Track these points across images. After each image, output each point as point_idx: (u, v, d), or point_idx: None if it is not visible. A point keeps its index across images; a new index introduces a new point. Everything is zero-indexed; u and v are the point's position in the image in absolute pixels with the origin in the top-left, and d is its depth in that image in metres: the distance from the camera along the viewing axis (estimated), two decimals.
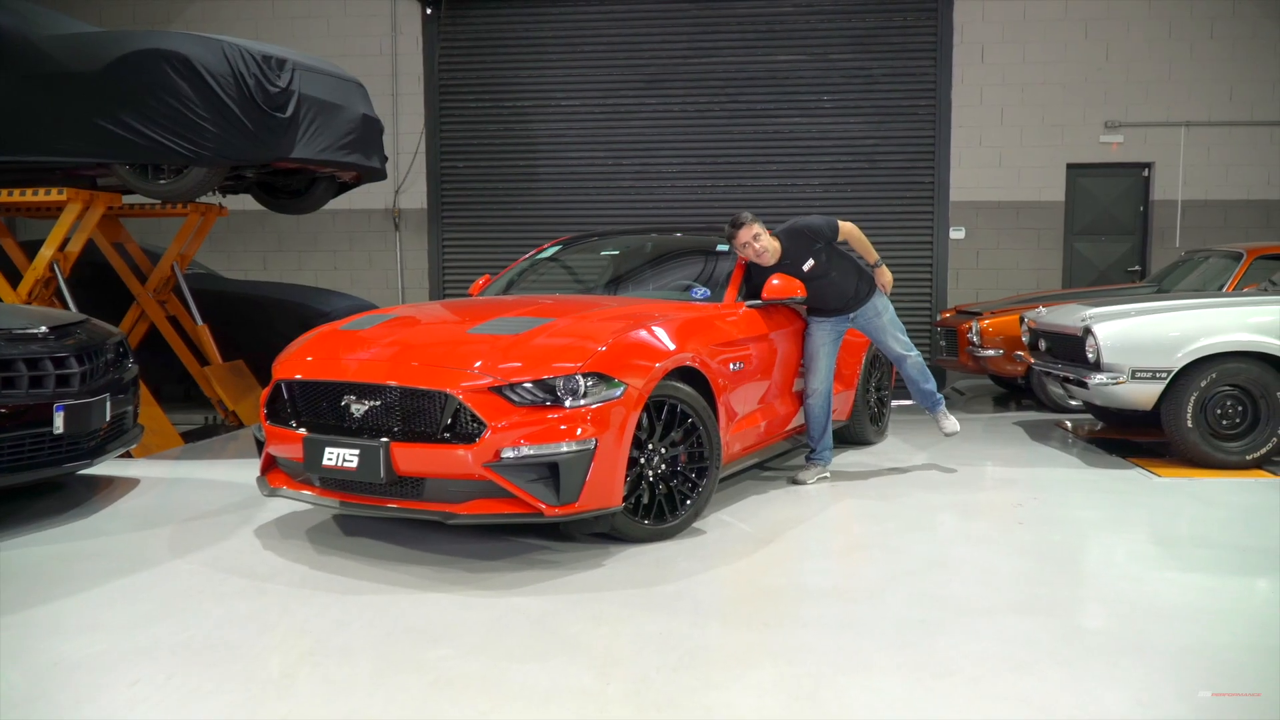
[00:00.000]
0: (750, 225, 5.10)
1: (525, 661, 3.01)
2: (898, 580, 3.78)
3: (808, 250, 5.20)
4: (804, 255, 5.19)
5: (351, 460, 3.89)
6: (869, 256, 5.41)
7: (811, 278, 5.20)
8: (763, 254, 5.10)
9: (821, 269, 5.23)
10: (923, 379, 5.65)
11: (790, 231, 5.25)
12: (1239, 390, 5.66)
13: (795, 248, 5.19)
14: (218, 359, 7.41)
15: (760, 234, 5.10)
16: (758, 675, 2.89)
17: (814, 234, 5.22)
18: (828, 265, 5.25)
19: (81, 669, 2.97)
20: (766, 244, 5.10)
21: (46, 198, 6.24)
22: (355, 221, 10.56)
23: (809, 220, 5.30)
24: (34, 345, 4.58)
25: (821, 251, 5.22)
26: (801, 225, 5.26)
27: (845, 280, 5.34)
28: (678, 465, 4.33)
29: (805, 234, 5.22)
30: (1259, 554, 4.14)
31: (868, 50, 9.97)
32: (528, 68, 10.32)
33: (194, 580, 3.80)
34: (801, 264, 5.18)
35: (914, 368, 5.61)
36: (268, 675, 2.94)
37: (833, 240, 5.27)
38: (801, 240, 5.20)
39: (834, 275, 5.28)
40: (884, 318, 5.47)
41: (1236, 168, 9.81)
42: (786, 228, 5.27)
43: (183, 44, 5.74)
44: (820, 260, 5.22)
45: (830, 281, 5.28)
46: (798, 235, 5.22)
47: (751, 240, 5.07)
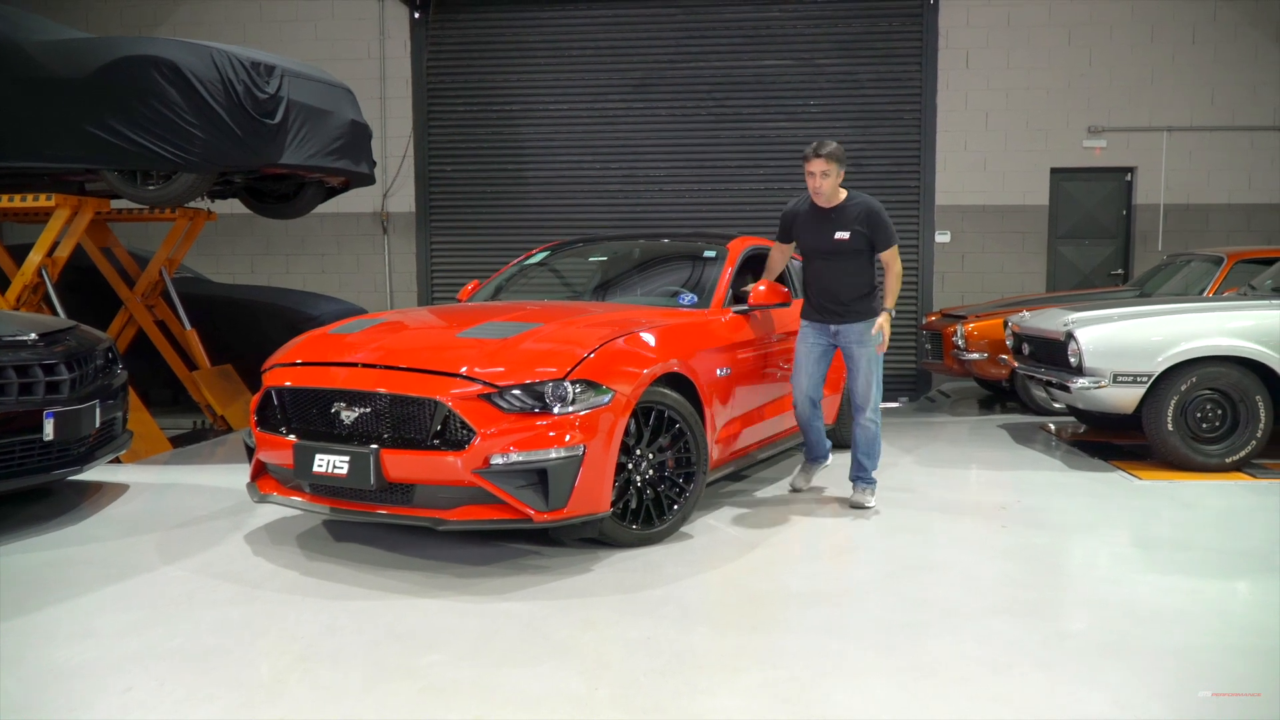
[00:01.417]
0: (829, 161, 4.74)
1: (515, 667, 3.05)
2: (882, 583, 3.83)
3: (856, 225, 4.82)
4: (849, 225, 4.83)
5: (342, 467, 3.92)
6: (889, 298, 4.95)
7: (830, 252, 4.87)
8: (819, 190, 4.80)
9: (847, 249, 4.85)
10: (866, 448, 5.01)
11: (863, 200, 4.88)
12: (1219, 394, 5.75)
13: (849, 214, 4.83)
14: (206, 364, 7.42)
15: (830, 174, 4.76)
16: (744, 679, 2.94)
17: (876, 221, 4.83)
18: (855, 255, 4.87)
19: (75, 676, 2.99)
20: (829, 186, 4.79)
21: (35, 204, 6.24)
22: (343, 225, 10.57)
23: (885, 213, 4.90)
24: (24, 352, 4.59)
25: (863, 239, 4.83)
26: (877, 206, 4.88)
27: (855, 283, 4.90)
28: (665, 470, 4.38)
29: (870, 213, 4.83)
30: (1237, 556, 4.21)
31: (854, 55, 10.03)
32: (516, 72, 10.35)
33: (185, 586, 3.82)
34: (839, 230, 4.83)
35: (864, 431, 4.98)
36: (259, 681, 2.96)
37: (880, 241, 4.85)
38: (863, 213, 4.83)
39: (850, 268, 4.88)
40: (867, 349, 4.92)
41: (1218, 172, 9.92)
42: (864, 196, 4.91)
43: (171, 50, 5.75)
44: (854, 244, 4.84)
45: (842, 270, 4.88)
46: (864, 207, 4.85)
47: (820, 174, 4.75)
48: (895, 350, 9.93)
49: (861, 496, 5.02)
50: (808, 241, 4.97)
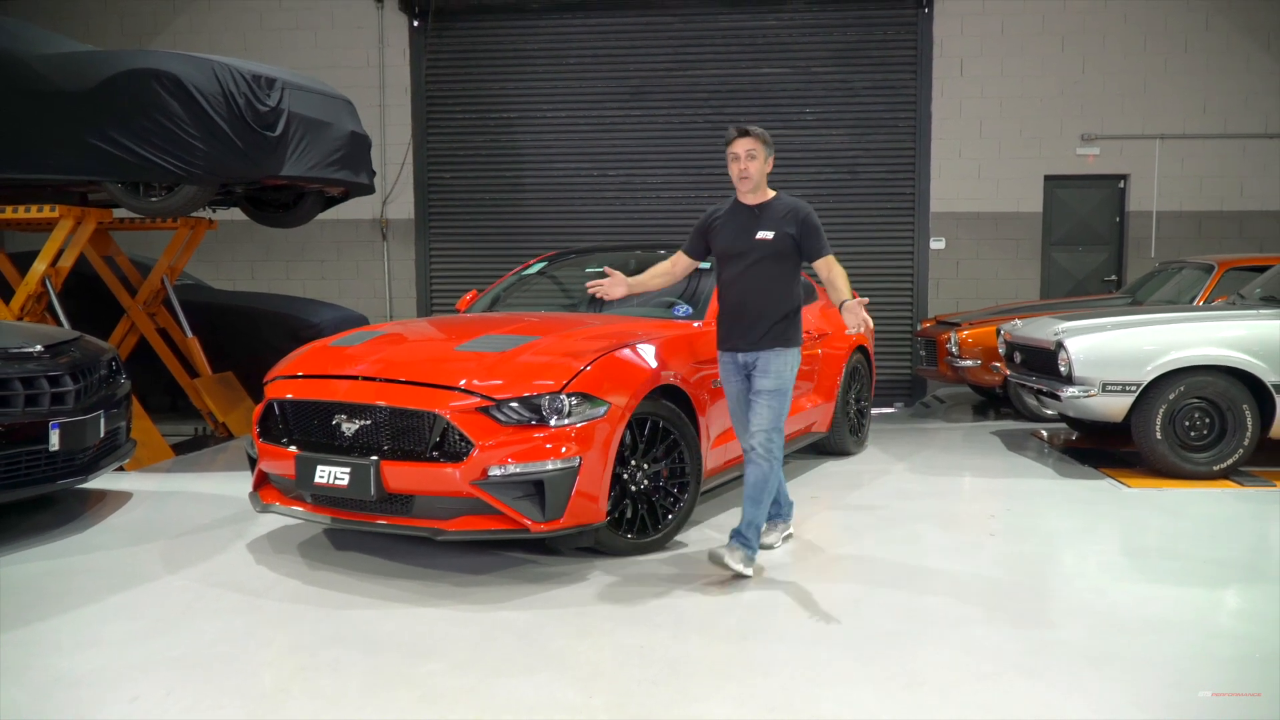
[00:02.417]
0: (756, 140, 4.13)
1: (512, 676, 3.13)
2: (872, 592, 3.91)
3: (783, 225, 4.14)
4: (774, 224, 4.15)
5: (343, 478, 4.00)
6: (844, 293, 4.10)
7: (748, 256, 4.15)
8: (746, 174, 4.14)
9: (768, 252, 4.14)
10: (753, 490, 4.11)
11: (794, 200, 4.23)
12: (1206, 403, 5.83)
13: (776, 212, 4.18)
14: (207, 371, 7.50)
15: (758, 156, 4.14)
16: (735, 687, 3.02)
17: (806, 223, 4.14)
18: (777, 262, 4.15)
19: (82, 685, 3.07)
20: (757, 170, 4.15)
21: (39, 214, 6.31)
22: (343, 231, 10.64)
23: (817, 218, 4.21)
24: (30, 364, 4.67)
25: (789, 243, 4.13)
26: (809, 208, 4.21)
27: (773, 298, 4.15)
28: (660, 480, 4.45)
29: (800, 213, 4.16)
30: (1222, 565, 4.28)
31: (849, 63, 10.11)
32: (514, 80, 10.43)
33: (188, 595, 3.90)
34: (762, 229, 4.15)
35: (755, 467, 4.10)
36: (262, 690, 3.04)
37: (810, 248, 4.16)
38: (791, 212, 4.16)
39: (769, 278, 4.14)
40: (774, 382, 4.12)
41: (1210, 179, 10.01)
42: (796, 198, 4.27)
43: (173, 63, 5.82)
44: (777, 245, 4.13)
45: (760, 279, 4.15)
46: (794, 206, 4.19)
47: (745, 154, 4.13)
48: (891, 356, 10.04)
49: (728, 556, 4.02)
50: (724, 244, 4.25)
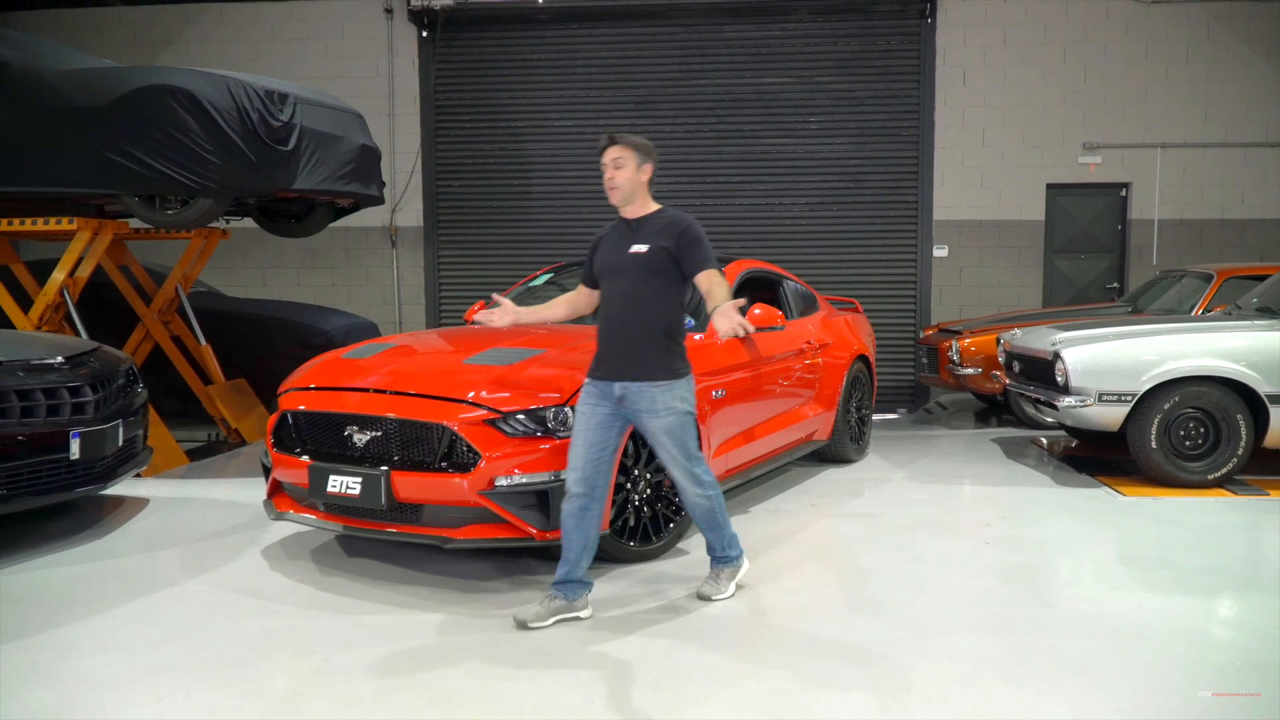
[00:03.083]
0: (625, 148, 3.78)
1: (516, 680, 3.25)
2: (866, 600, 4.03)
3: (658, 238, 3.76)
4: (647, 239, 3.77)
5: (354, 488, 4.13)
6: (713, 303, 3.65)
7: (622, 273, 3.79)
8: (613, 184, 3.79)
9: (643, 267, 3.75)
10: (706, 521, 3.96)
11: (676, 214, 3.85)
12: (1201, 412, 5.92)
13: (654, 225, 3.80)
14: (221, 378, 7.65)
15: (625, 164, 3.77)
16: (731, 693, 3.14)
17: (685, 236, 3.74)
18: (652, 279, 3.75)
19: (106, 687, 3.20)
20: (625, 179, 3.78)
21: (57, 226, 6.47)
22: (353, 239, 10.79)
23: (700, 230, 3.80)
24: (51, 375, 4.82)
25: (665, 257, 3.73)
26: (690, 221, 3.80)
27: (649, 321, 3.74)
28: (662, 490, 4.58)
29: (679, 225, 3.77)
30: (1214, 574, 4.38)
31: (852, 73, 10.23)
32: (521, 89, 10.57)
33: (206, 601, 4.04)
34: (636, 244, 3.78)
35: (697, 507, 3.91)
36: (278, 694, 3.18)
37: (689, 261, 3.73)
38: (669, 225, 3.78)
39: (645, 298, 3.75)
40: (665, 419, 3.73)
41: (1211, 188, 10.09)
42: (681, 213, 3.87)
43: (188, 80, 5.97)
44: (652, 261, 3.74)
45: (634, 300, 3.76)
46: (673, 219, 3.80)
47: (612, 163, 3.78)
48: (893, 363, 10.15)
49: (713, 586, 3.99)
50: (601, 262, 3.92)
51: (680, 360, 3.83)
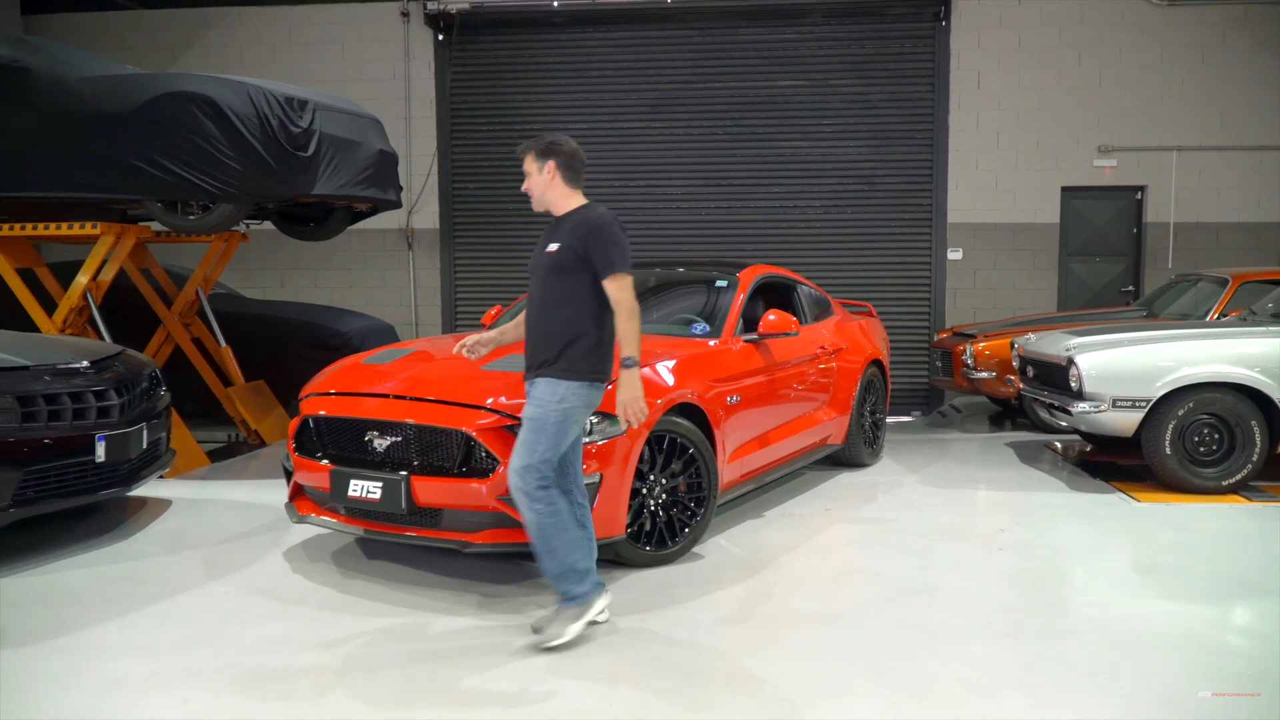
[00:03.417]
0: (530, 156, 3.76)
1: (535, 683, 3.31)
2: (880, 606, 4.07)
3: (569, 236, 3.67)
4: (560, 237, 3.71)
5: (375, 492, 4.20)
6: (624, 344, 3.61)
7: (537, 272, 3.76)
8: (529, 194, 3.83)
9: (553, 267, 3.68)
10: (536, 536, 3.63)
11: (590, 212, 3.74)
12: (1215, 419, 5.93)
13: (568, 224, 3.73)
14: (240, 380, 7.74)
15: (532, 174, 3.77)
16: (746, 699, 3.19)
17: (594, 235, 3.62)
18: (561, 278, 3.66)
19: (137, 689, 3.28)
20: (536, 189, 3.79)
21: (80, 231, 6.56)
22: (369, 241, 10.88)
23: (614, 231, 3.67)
24: (77, 379, 4.90)
25: (573, 257, 3.63)
26: (603, 220, 3.68)
27: (559, 320, 3.65)
28: (677, 494, 4.63)
29: (589, 224, 3.67)
30: (1228, 582, 4.40)
31: (867, 76, 10.25)
32: (536, 92, 10.64)
33: (231, 603, 4.11)
34: (551, 242, 3.74)
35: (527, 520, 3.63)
36: (303, 694, 3.25)
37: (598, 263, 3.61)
38: (580, 223, 3.68)
39: (555, 297, 3.68)
40: (532, 408, 3.64)
41: (1227, 191, 10.07)
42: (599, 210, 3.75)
43: (210, 87, 6.05)
44: (561, 260, 3.66)
45: (546, 298, 3.71)
46: (585, 217, 3.71)
47: (524, 173, 3.82)
48: (908, 365, 10.17)
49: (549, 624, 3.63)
50: (531, 262, 3.90)
51: (584, 364, 3.62)
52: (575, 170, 3.80)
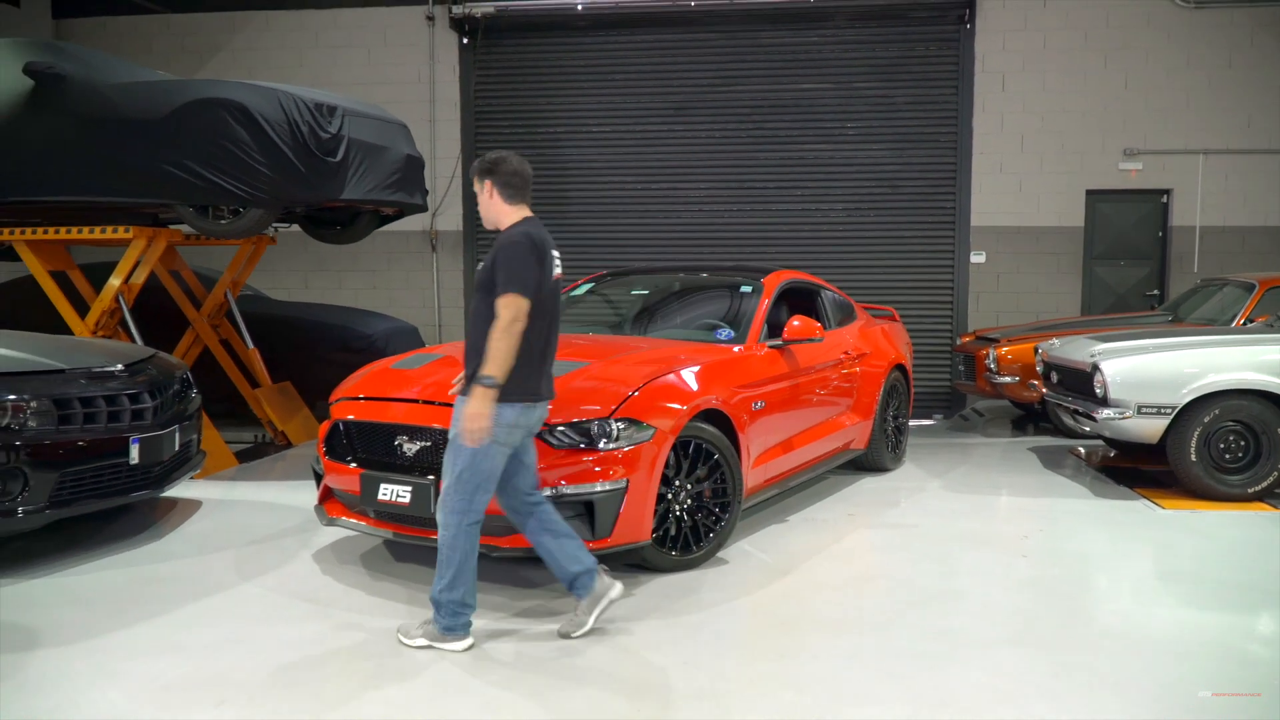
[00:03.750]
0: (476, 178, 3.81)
1: (563, 688, 3.36)
2: (904, 612, 4.09)
3: (489, 256, 3.70)
4: (487, 257, 3.73)
5: (404, 496, 4.26)
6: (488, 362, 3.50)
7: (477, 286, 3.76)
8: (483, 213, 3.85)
9: (478, 284, 3.74)
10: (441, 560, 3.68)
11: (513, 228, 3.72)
12: (1241, 426, 5.91)
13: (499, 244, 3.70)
14: (268, 381, 7.83)
15: (480, 193, 3.80)
16: (771, 705, 3.23)
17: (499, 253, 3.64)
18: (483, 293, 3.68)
19: (173, 689, 3.35)
20: (483, 208, 3.82)
21: (113, 235, 6.67)
22: (393, 242, 10.96)
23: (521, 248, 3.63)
24: (112, 383, 4.99)
25: (486, 274, 3.69)
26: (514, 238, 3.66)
27: (480, 338, 3.62)
28: (702, 499, 4.66)
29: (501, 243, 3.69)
30: (1252, 591, 4.39)
31: (890, 79, 10.24)
32: (560, 95, 10.69)
33: (262, 604, 4.18)
34: (483, 260, 3.79)
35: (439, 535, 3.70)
36: (336, 696, 3.30)
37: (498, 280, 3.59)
38: (496, 243, 3.72)
39: (479, 309, 3.69)
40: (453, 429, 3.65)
41: (1254, 195, 9.99)
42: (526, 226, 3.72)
43: (241, 93, 6.13)
44: (480, 278, 3.73)
45: (475, 315, 3.73)
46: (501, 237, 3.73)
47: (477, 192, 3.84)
48: (931, 369, 10.15)
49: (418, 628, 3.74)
50: None
51: (509, 384, 3.55)
52: (514, 188, 3.79)
